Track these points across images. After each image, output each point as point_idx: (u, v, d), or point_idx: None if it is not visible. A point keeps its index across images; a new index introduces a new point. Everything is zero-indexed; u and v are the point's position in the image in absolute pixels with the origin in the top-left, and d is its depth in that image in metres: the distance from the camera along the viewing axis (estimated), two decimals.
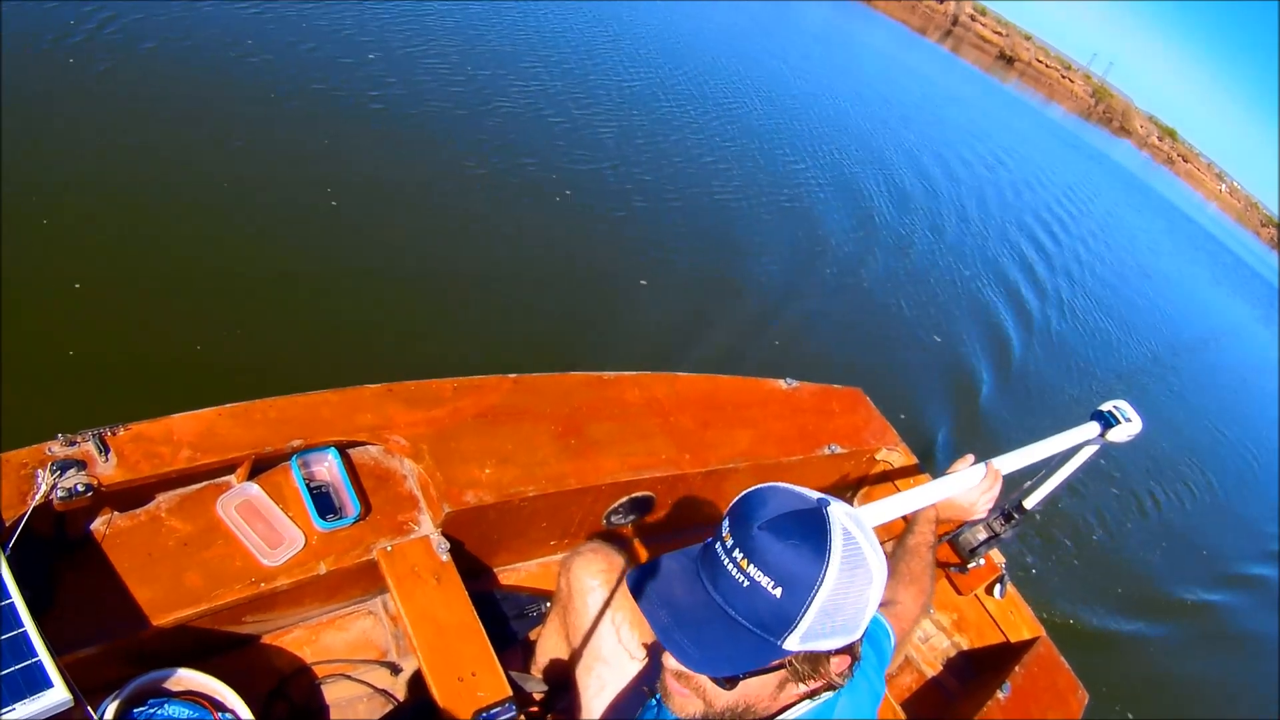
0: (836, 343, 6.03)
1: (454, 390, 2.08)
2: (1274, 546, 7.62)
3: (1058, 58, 59.32)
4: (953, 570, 2.58)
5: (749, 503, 1.01)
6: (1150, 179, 38.49)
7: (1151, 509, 6.80)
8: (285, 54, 5.65)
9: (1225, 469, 8.86)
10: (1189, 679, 5.01)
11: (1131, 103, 63.87)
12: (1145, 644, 4.99)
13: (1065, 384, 8.08)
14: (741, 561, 0.96)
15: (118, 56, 4.62)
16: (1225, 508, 7.83)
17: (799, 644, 0.97)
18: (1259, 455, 9.96)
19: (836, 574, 0.95)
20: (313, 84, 5.46)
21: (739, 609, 0.97)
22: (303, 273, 3.94)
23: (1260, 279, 29.26)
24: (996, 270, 9.91)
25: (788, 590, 0.94)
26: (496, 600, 2.13)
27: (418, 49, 6.83)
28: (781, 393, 2.79)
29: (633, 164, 6.93)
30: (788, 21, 19.56)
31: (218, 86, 4.89)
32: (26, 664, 1.17)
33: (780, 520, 0.97)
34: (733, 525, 1.00)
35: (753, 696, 1.04)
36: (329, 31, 6.27)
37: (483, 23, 8.17)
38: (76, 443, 1.52)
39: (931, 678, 2.71)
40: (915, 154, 12.87)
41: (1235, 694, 5.22)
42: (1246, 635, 5.91)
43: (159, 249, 3.62)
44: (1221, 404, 11.31)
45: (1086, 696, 2.47)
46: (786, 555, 0.95)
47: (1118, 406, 2.13)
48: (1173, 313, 14.47)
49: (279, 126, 4.88)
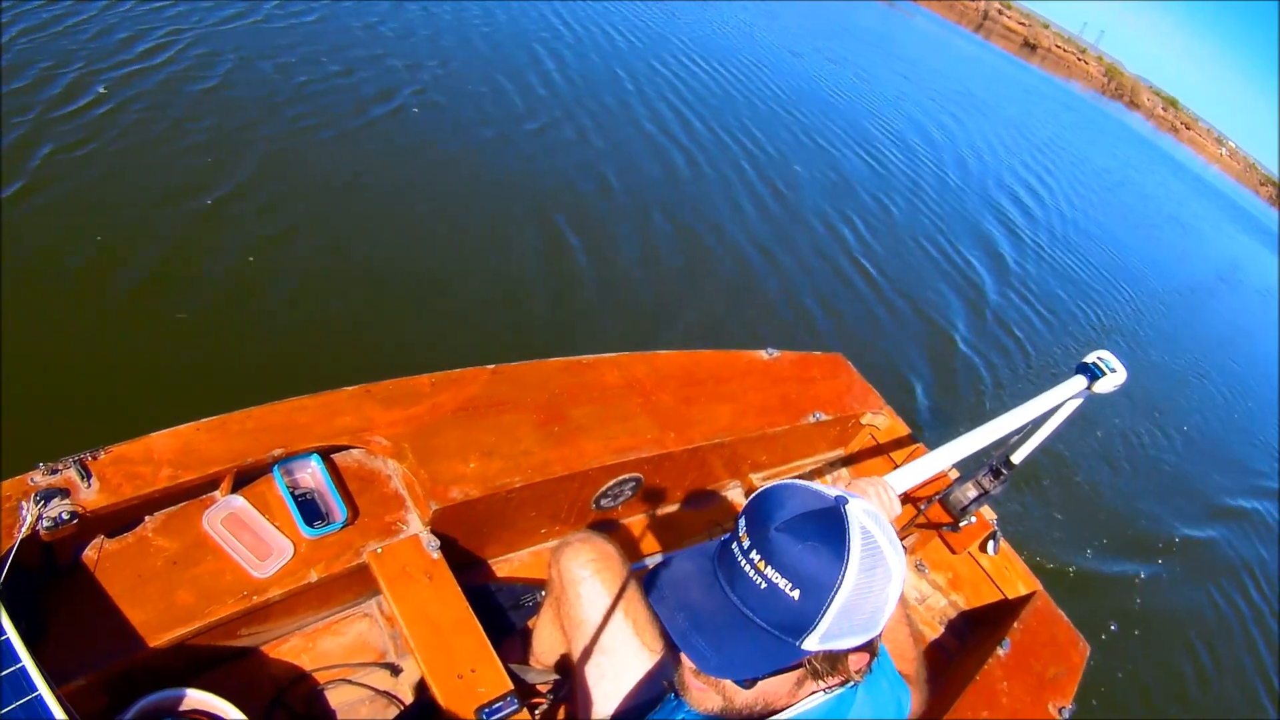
0: (816, 310, 6.02)
1: (432, 385, 2.07)
2: (1263, 482, 7.83)
3: (1073, 42, 67.39)
4: (945, 529, 2.61)
5: (765, 502, 1.01)
6: (1159, 144, 43.22)
7: (1137, 448, 6.90)
8: (254, 54, 5.58)
9: (1210, 405, 9.04)
10: (1181, 613, 5.09)
11: (1139, 80, 70.20)
12: (1136, 583, 5.05)
13: (1061, 332, 8.22)
14: (759, 563, 0.96)
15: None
16: (1208, 446, 7.96)
17: (818, 644, 0.97)
18: (1250, 390, 10.22)
19: (856, 574, 0.95)
20: (269, 85, 5.39)
21: (757, 611, 0.97)
22: (267, 278, 3.88)
23: (1259, 225, 31.72)
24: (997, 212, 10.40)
25: (806, 592, 0.94)
26: (491, 592, 2.14)
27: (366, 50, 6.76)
28: (762, 363, 2.79)
29: (603, 144, 6.91)
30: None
31: (175, 90, 4.82)
32: (27, 699, 1.16)
33: (798, 521, 0.97)
34: (750, 526, 0.99)
35: (771, 694, 1.04)
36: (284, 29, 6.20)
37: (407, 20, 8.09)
38: (58, 470, 1.50)
39: (932, 640, 2.74)
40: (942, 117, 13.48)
41: (1229, 628, 5.30)
42: (1237, 566, 6.03)
43: (117, 261, 3.56)
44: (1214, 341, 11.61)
45: (1088, 648, 2.49)
46: (805, 557, 0.95)
47: (1101, 358, 2.14)
48: (1172, 260, 14.98)
49: (236, 127, 4.81)
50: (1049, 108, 27.04)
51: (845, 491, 1.02)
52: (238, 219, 4.13)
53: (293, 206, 4.40)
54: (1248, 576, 5.93)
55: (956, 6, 51.52)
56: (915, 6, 38.18)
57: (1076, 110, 32.13)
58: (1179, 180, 30.62)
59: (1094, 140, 25.53)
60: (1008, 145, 16.03)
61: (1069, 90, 41.37)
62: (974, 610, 2.73)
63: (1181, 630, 4.95)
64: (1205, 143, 67.96)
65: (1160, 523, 5.89)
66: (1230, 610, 5.42)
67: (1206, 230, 22.33)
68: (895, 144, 11.50)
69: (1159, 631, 4.76)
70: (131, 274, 3.51)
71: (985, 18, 57.09)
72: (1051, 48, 62.08)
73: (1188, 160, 44.73)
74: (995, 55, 38.15)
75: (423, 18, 7.67)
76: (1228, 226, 26.35)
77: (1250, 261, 21.49)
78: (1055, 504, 5.28)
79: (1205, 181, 37.54)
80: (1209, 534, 6.15)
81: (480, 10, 8.57)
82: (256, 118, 4.99)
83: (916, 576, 2.84)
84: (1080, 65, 63.42)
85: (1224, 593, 5.54)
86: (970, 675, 2.18)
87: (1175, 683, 4.53)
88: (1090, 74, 61.90)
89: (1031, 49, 56.35)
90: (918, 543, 2.85)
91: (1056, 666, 2.35)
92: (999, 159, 14.29)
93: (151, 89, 4.68)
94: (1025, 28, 61.61)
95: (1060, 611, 2.56)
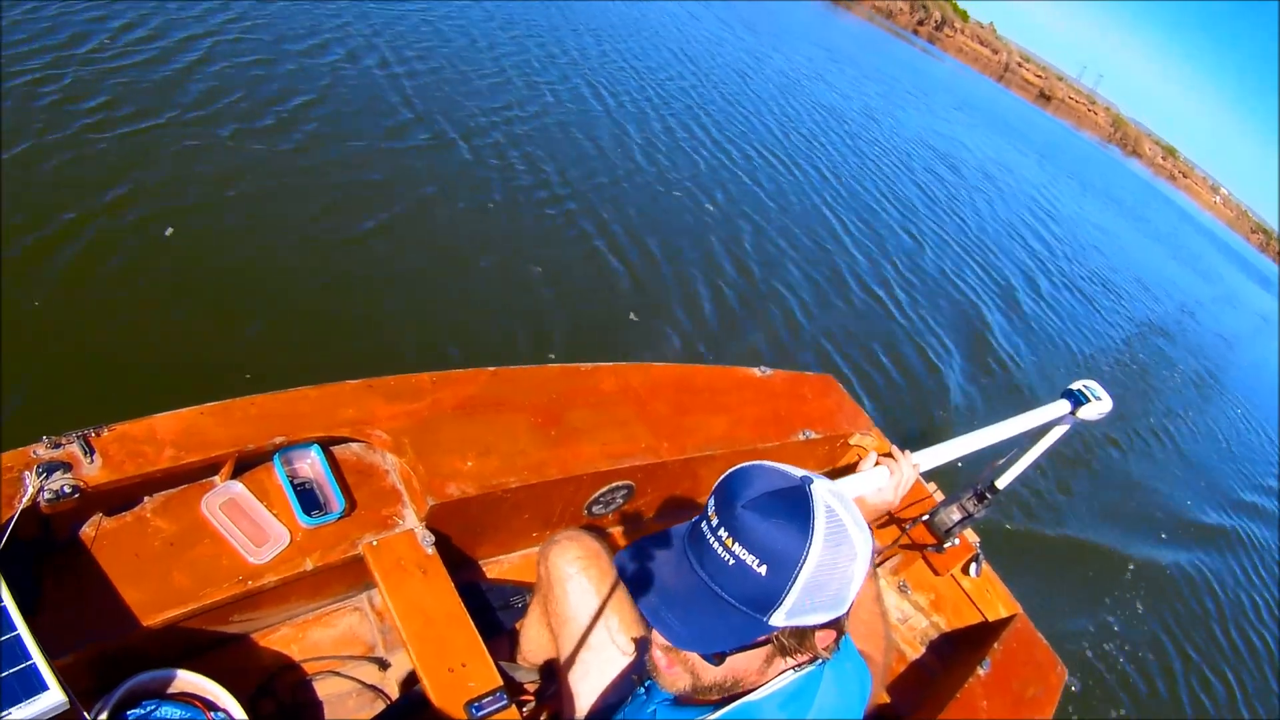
0: (811, 334, 6.10)
1: (433, 383, 2.08)
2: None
3: (1087, 95, 74.30)
4: (929, 550, 2.63)
5: (733, 482, 1.03)
6: (1158, 189, 48.92)
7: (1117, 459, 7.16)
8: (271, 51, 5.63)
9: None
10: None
11: (1142, 129, 77.55)
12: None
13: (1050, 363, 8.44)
14: (727, 540, 0.98)
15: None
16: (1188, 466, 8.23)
17: (785, 620, 0.99)
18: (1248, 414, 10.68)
19: (820, 550, 0.97)
20: (283, 86, 5.42)
21: (726, 587, 0.99)
22: (278, 271, 3.92)
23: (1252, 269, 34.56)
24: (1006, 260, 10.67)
25: (773, 568, 0.96)
26: (482, 591, 2.14)
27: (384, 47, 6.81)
28: (755, 380, 2.81)
29: (613, 167, 7.01)
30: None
31: (178, 90, 4.84)
32: (21, 667, 1.16)
33: (764, 499, 0.99)
34: (718, 505, 1.02)
35: (740, 671, 1.06)
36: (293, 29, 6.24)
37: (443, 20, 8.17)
38: (61, 444, 1.51)
39: (912, 659, 2.75)
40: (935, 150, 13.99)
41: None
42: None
43: (134, 250, 3.58)
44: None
45: (1065, 671, 2.52)
46: (771, 533, 0.97)
47: (1088, 385, 2.17)
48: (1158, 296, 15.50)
49: (248, 123, 4.83)
50: (1060, 148, 28.75)
51: (810, 472, 1.05)
52: (264, 216, 4.22)
53: (303, 206, 4.46)
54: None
55: (980, 56, 57.48)
56: (943, 54, 43.12)
57: (1086, 157, 34.94)
58: (1182, 223, 32.61)
59: (1108, 181, 27.20)
60: (1022, 182, 16.66)
61: (1080, 137, 45.77)
62: (955, 631, 2.75)
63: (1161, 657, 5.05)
64: (1200, 189, 73.95)
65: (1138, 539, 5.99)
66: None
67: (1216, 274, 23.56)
68: (929, 174, 12.05)
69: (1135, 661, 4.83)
70: (149, 262, 3.57)
71: (1006, 69, 62.06)
72: (1065, 98, 67.98)
73: (1185, 204, 48.76)
74: (1014, 100, 42.54)
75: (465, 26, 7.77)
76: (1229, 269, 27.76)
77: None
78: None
79: (1201, 224, 40.83)
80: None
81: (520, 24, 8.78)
82: (297, 119, 5.10)
83: (899, 597, 2.86)
84: (1090, 115, 69.43)
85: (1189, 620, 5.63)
86: (951, 693, 2.20)
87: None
88: (1099, 123, 67.84)
89: (1046, 99, 62.01)
90: (901, 563, 2.87)
91: (1035, 686, 2.38)
92: (1014, 195, 14.94)
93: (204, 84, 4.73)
94: (1041, 80, 66.85)
95: (1039, 635, 2.59)
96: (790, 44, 18.77)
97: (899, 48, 32.26)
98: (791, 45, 18.65)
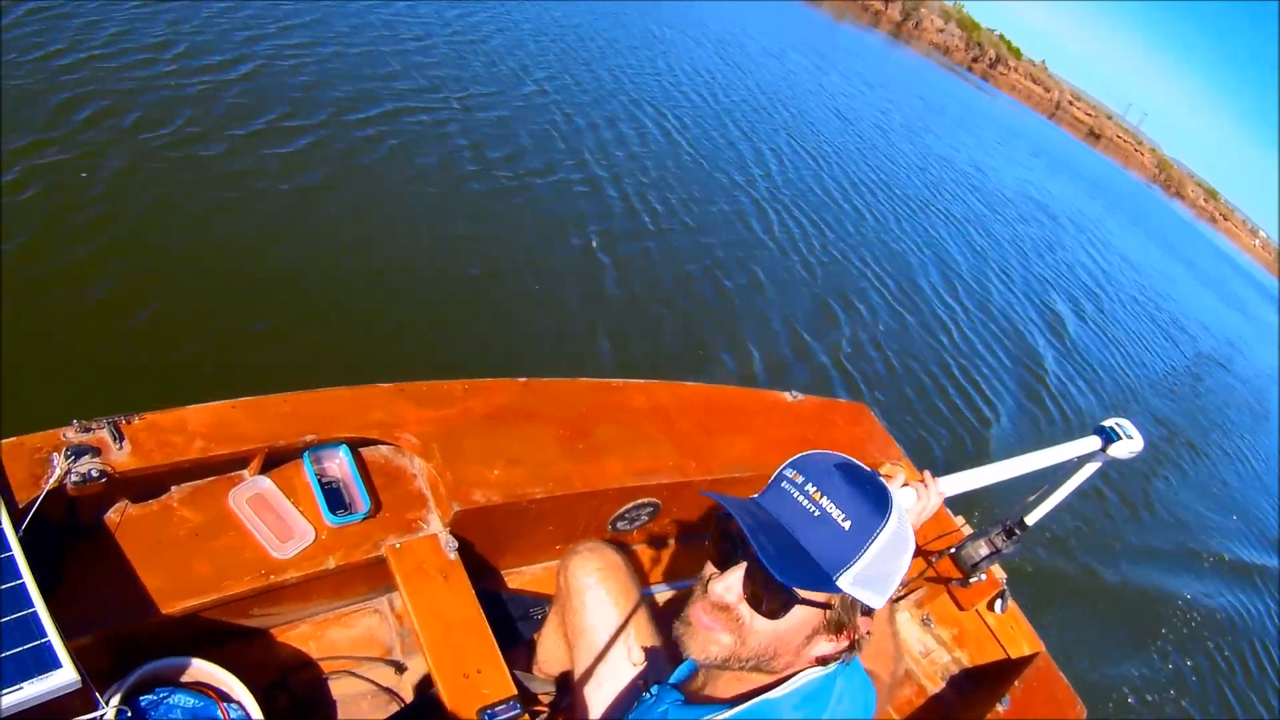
0: (847, 361, 6.07)
1: (464, 391, 2.09)
2: None
3: (1133, 134, 75.28)
4: (954, 584, 2.59)
5: (816, 455, 1.11)
6: (1200, 231, 50.62)
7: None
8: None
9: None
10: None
11: (1185, 172, 78.08)
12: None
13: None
14: (814, 494, 1.05)
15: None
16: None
17: (850, 584, 1.03)
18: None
19: (894, 524, 1.05)
20: (324, 85, 5.50)
21: (806, 537, 1.03)
22: (317, 274, 3.98)
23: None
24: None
25: (856, 524, 1.03)
26: (502, 601, 2.14)
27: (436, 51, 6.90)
28: (785, 404, 2.79)
29: (656, 185, 7.07)
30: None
31: (225, 83, 4.93)
32: (36, 644, 1.17)
33: (851, 469, 1.08)
34: (801, 467, 1.09)
35: (784, 640, 1.08)
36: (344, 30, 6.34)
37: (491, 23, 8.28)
38: (91, 429, 1.52)
39: (932, 693, 2.71)
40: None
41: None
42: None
43: (179, 248, 3.67)
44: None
45: (1085, 710, 2.47)
46: (857, 496, 1.04)
47: (1120, 423, 2.14)
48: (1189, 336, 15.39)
49: (289, 121, 4.91)
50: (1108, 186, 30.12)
51: None
52: (320, 219, 4.33)
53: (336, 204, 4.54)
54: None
55: (1033, 93, 58.97)
56: (996, 90, 45.07)
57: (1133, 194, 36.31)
58: (1220, 262, 34.18)
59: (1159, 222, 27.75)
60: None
61: (1127, 175, 47.78)
62: (976, 668, 2.70)
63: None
64: (1240, 233, 73.67)
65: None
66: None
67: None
68: (1002, 213, 12.07)
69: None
70: (191, 260, 3.64)
71: (1057, 107, 62.96)
72: (1113, 138, 69.09)
73: (1226, 246, 50.21)
74: (1064, 138, 44.57)
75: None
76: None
77: None
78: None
79: (1239, 265, 42.11)
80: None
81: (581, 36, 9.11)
82: (346, 124, 5.20)
83: (922, 630, 2.81)
84: (1136, 155, 70.15)
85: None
86: None
87: None
88: (1145, 164, 68.53)
89: (1096, 137, 63.34)
90: (926, 596, 2.83)
91: None
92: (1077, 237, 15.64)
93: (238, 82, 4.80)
94: (1091, 119, 68.03)
95: (1061, 674, 2.54)
96: (883, 87, 19.21)
97: (956, 84, 33.02)
98: (884, 89, 19.11)
